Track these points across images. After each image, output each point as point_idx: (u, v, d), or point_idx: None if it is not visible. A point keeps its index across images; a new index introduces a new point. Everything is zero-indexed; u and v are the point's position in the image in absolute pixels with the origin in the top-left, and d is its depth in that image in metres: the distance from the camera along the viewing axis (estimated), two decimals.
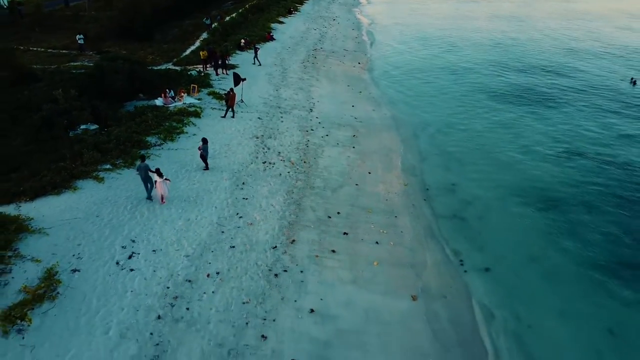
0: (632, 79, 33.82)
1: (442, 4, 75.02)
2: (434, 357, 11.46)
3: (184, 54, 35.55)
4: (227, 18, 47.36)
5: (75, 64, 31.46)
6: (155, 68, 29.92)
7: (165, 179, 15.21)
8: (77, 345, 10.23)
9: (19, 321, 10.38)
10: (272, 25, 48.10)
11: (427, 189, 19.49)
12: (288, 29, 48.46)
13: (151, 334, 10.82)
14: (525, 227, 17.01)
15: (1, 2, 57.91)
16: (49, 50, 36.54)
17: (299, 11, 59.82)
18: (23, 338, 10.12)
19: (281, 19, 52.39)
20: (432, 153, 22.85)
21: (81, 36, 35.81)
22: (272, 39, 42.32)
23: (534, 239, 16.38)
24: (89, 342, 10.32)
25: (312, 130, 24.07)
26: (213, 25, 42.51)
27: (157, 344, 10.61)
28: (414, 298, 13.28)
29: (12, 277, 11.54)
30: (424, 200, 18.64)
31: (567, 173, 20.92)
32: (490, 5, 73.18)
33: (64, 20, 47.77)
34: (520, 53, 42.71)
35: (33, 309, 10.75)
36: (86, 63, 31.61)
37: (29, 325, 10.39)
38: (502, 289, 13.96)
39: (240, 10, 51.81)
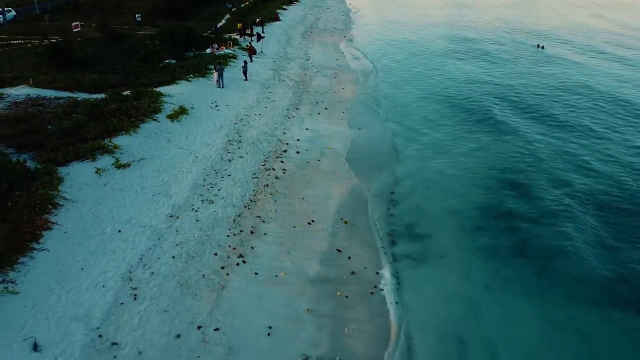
0: (539, 44, 46.87)
1: None
2: (365, 147, 24.34)
3: (219, 26, 48.57)
4: (243, 5, 60.45)
5: (140, 32, 44.35)
6: None
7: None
8: (203, 126, 23.17)
9: (177, 118, 23.29)
10: (278, 10, 61.07)
11: (377, 98, 32.39)
12: (290, 14, 61.47)
13: (233, 127, 23.76)
14: (431, 111, 29.82)
15: None
16: (115, 25, 49.35)
17: (299, 1, 72.77)
18: (180, 123, 23.03)
19: (284, 7, 65.37)
20: (385, 80, 35.81)
21: (139, 15, 48.82)
22: (278, 19, 55.32)
23: (431, 114, 29.21)
24: (207, 126, 23.26)
25: (308, 69, 37.07)
26: (233, 9, 55.55)
27: (237, 131, 23.54)
28: (359, 129, 26.23)
29: (165, 108, 24.39)
30: (374, 99, 31.59)
31: (470, 89, 33.86)
32: None
33: (111, 7, 60.74)
34: (467, 30, 55.77)
35: (180, 115, 23.65)
36: (147, 32, 44.47)
37: (180, 120, 23.29)
38: (405, 129, 26.79)
39: (251, 0, 64.95)
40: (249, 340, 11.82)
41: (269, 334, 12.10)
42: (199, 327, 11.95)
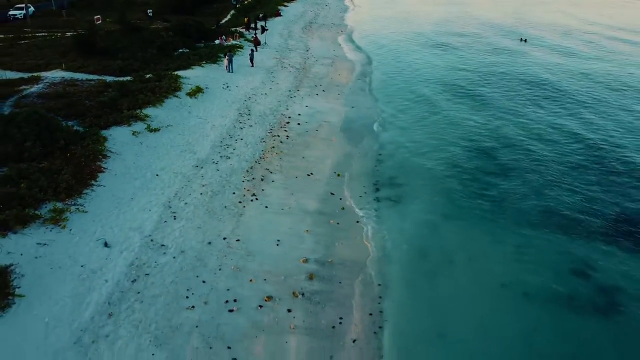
0: (521, 38, 50.66)
1: None
2: (357, 121, 28.04)
3: (221, 22, 52.25)
4: (246, 2, 64.17)
5: (153, 26, 48.04)
6: None
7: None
8: (217, 102, 26.89)
9: (195, 96, 26.99)
10: (279, 7, 64.76)
11: (369, 83, 36.12)
12: (291, 10, 65.25)
13: (243, 104, 27.48)
14: (415, 93, 33.53)
15: None
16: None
17: None
18: (197, 99, 26.75)
19: (285, 4, 69.10)
20: (378, 68, 39.53)
21: (150, 11, 52.55)
22: (279, 15, 59.04)
23: (415, 96, 32.88)
24: (221, 102, 26.99)
25: (307, 58, 40.82)
26: (237, 6, 59.26)
27: (246, 106, 27.26)
28: (352, 107, 29.95)
29: (184, 88, 28.09)
30: (367, 84, 35.33)
31: (450, 75, 37.57)
32: None
33: (122, 4, 64.46)
34: (455, 25, 59.55)
35: (197, 93, 27.36)
36: (159, 26, 48.14)
37: (197, 97, 27.01)
38: (393, 108, 30.48)
39: None
40: (263, 248, 15.55)
41: (277, 245, 15.82)
42: (224, 238, 15.68)
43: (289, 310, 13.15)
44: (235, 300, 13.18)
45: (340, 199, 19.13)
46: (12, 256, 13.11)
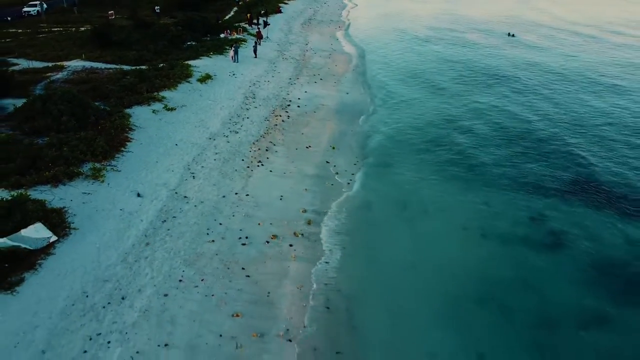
0: (509, 33, 53.64)
1: None
2: (351, 105, 30.99)
3: (225, 18, 55.20)
4: None
5: (161, 22, 50.96)
6: None
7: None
8: (225, 88, 29.83)
9: (204, 82, 29.94)
10: (280, 4, 67.70)
11: (364, 73, 39.07)
12: (290, 8, 68.15)
13: (248, 89, 30.43)
14: (404, 82, 36.48)
15: None
16: None
17: None
18: (207, 85, 29.69)
19: (286, 1, 72.01)
20: (373, 60, 42.48)
21: (158, 7, 55.49)
22: (280, 12, 61.96)
23: (404, 84, 35.86)
24: (228, 88, 29.92)
25: (307, 51, 43.78)
26: (240, 3, 62.18)
27: (251, 91, 30.20)
28: (347, 93, 32.89)
29: (194, 75, 31.01)
30: (361, 74, 38.28)
31: (437, 66, 40.50)
32: None
33: (130, 2, 67.37)
34: (447, 20, 62.52)
35: (207, 80, 30.30)
36: (166, 22, 51.04)
37: (207, 83, 29.94)
38: (383, 94, 33.44)
39: None
40: (269, 201, 18.50)
41: (280, 199, 18.77)
42: (236, 193, 18.64)
43: (291, 245, 16.11)
44: (246, 237, 16.14)
45: (335, 165, 22.09)
46: (63, 201, 16.06)
